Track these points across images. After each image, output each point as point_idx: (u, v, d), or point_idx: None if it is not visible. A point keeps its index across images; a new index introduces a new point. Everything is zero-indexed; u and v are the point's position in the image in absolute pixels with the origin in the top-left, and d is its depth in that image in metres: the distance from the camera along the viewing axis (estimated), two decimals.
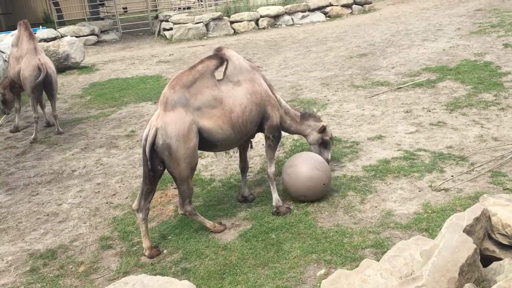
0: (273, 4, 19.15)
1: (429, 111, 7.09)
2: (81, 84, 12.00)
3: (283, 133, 6.50)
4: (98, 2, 23.89)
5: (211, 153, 6.06)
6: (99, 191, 5.84)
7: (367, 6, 19.72)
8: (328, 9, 19.09)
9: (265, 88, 4.67)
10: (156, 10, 23.36)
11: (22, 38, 8.12)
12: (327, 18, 18.87)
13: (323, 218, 4.59)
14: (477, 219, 3.02)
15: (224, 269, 3.97)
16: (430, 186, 4.95)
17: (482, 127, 6.28)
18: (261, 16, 18.14)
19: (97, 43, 18.47)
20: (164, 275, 3.54)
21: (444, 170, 5.25)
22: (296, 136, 6.63)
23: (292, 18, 18.52)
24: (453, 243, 2.71)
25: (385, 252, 3.14)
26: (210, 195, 5.36)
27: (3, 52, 10.65)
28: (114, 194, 5.72)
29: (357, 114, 7.39)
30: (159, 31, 19.18)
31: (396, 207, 4.65)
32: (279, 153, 6.23)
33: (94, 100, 10.16)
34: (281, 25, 18.30)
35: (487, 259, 3.06)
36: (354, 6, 19.51)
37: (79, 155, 7.10)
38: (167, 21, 18.34)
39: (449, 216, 3.14)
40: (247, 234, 4.45)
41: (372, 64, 10.39)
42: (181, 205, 4.38)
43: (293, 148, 6.32)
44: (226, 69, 4.48)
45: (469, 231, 2.92)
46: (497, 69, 8.56)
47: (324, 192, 4.87)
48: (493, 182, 4.85)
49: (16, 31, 8.62)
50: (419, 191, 4.89)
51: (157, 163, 4.20)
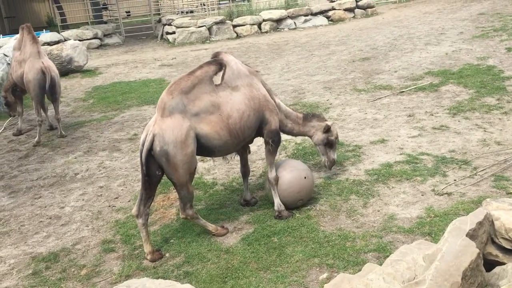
0: (275, 8, 19.20)
1: (432, 115, 7.08)
2: (84, 87, 12.03)
3: (286, 136, 6.49)
4: (101, 6, 24.02)
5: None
6: (101, 194, 5.85)
7: (369, 10, 19.75)
8: (330, 13, 19.12)
9: (263, 93, 4.63)
10: (159, 14, 23.44)
11: (25, 42, 8.15)
12: (330, 22, 18.91)
13: (325, 222, 4.58)
14: (480, 224, 3.01)
15: (226, 273, 3.97)
16: (433, 190, 4.94)
17: (485, 131, 6.27)
18: (264, 20, 18.19)
19: (100, 46, 18.54)
20: (166, 279, 3.53)
21: (447, 174, 5.23)
22: (298, 140, 6.64)
23: (294, 22, 18.56)
24: (456, 248, 2.70)
25: (388, 256, 3.14)
26: (212, 199, 5.36)
27: (6, 56, 10.68)
28: (116, 197, 5.72)
29: (360, 118, 7.39)
30: (162, 35, 19.23)
31: (399, 211, 4.64)
32: (281, 156, 6.23)
33: (97, 104, 10.19)
34: (283, 29, 18.34)
35: (490, 264, 3.04)
36: (356, 10, 19.55)
37: (81, 158, 7.11)
38: (170, 24, 18.40)
39: (452, 220, 3.13)
40: (249, 237, 4.45)
41: (374, 68, 10.39)
42: (182, 209, 4.37)
43: (295, 151, 6.32)
44: (224, 74, 4.43)
45: (472, 235, 2.91)
46: (500, 73, 8.55)
47: (312, 186, 4.87)
48: (496, 186, 4.84)
49: (18, 35, 8.65)
50: (422, 195, 4.88)
51: (155, 168, 4.17)
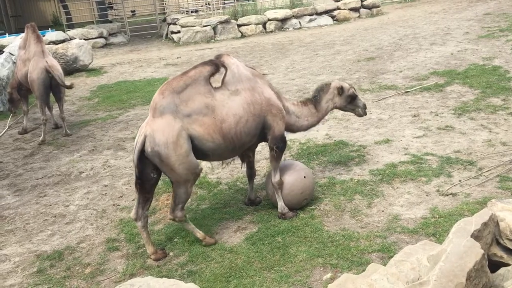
0: (280, 8, 19.19)
1: (437, 115, 7.06)
2: (89, 86, 12.07)
3: (291, 136, 6.49)
4: (106, 5, 24.08)
5: None
6: (106, 193, 5.86)
7: (375, 10, 19.71)
8: (335, 12, 19.10)
9: (267, 97, 4.46)
10: (164, 13, 23.50)
11: (30, 41, 8.18)
12: (335, 21, 18.88)
13: (329, 222, 4.58)
14: (485, 224, 3.00)
15: (230, 272, 3.97)
16: (438, 190, 4.92)
17: (491, 131, 6.24)
18: (269, 20, 18.18)
19: (105, 45, 18.59)
20: (170, 278, 3.54)
21: (451, 175, 5.21)
22: (302, 140, 6.64)
23: (299, 22, 18.54)
24: (461, 248, 2.69)
25: (392, 256, 3.13)
26: (216, 198, 5.36)
27: (12, 54, 10.73)
28: (121, 196, 5.73)
29: (364, 117, 7.34)
30: (167, 34, 19.26)
31: (403, 211, 4.63)
32: (285, 156, 6.22)
33: (101, 103, 10.22)
34: (288, 28, 18.33)
35: (495, 265, 3.03)
36: (361, 9, 19.51)
37: (86, 157, 7.13)
38: (175, 24, 18.43)
39: (457, 221, 3.12)
40: (253, 237, 4.45)
41: (379, 67, 10.36)
42: (172, 209, 4.20)
43: (299, 151, 6.32)
44: (224, 77, 4.32)
45: (477, 236, 2.90)
46: (506, 73, 8.51)
47: (313, 183, 4.85)
48: (501, 187, 4.82)
49: (23, 34, 8.69)
50: (427, 195, 4.87)
51: (149, 170, 4.07)
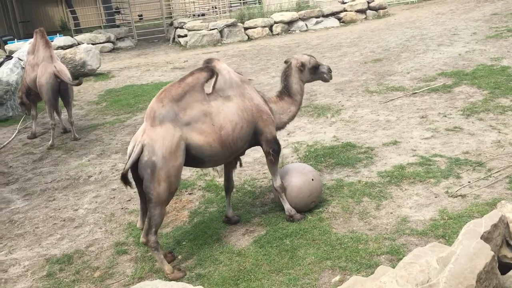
0: (287, 10, 19.21)
1: (445, 116, 7.02)
2: (97, 90, 12.14)
3: (298, 138, 6.49)
4: (114, 10, 24.24)
5: None
6: (114, 197, 5.89)
7: (381, 11, 19.67)
8: (342, 14, 19.08)
9: (256, 103, 4.41)
10: (171, 17, 23.60)
11: (38, 46, 8.25)
12: (341, 23, 18.86)
13: (337, 224, 4.56)
14: (495, 226, 2.97)
15: (238, 275, 3.96)
16: (447, 192, 4.90)
17: (499, 132, 6.20)
18: (275, 22, 18.20)
19: (113, 50, 18.70)
20: (178, 281, 3.55)
21: (460, 176, 5.18)
22: (310, 142, 6.63)
23: (306, 24, 18.54)
24: (471, 250, 2.68)
25: (401, 259, 3.11)
26: (224, 201, 5.35)
27: (21, 60, 10.82)
28: (129, 200, 5.76)
29: (372, 119, 7.35)
30: (174, 38, 19.34)
31: (412, 213, 4.60)
32: (293, 158, 6.22)
33: (110, 107, 10.27)
34: (295, 31, 18.33)
35: (505, 267, 3.01)
36: (368, 11, 19.48)
37: (95, 161, 7.17)
38: (181, 28, 18.50)
39: (466, 222, 3.10)
40: (261, 240, 4.44)
41: (386, 69, 10.33)
42: (146, 232, 3.97)
43: (307, 154, 6.31)
44: (215, 83, 4.23)
45: (486, 238, 2.88)
46: None
47: (321, 185, 4.84)
48: (511, 188, 4.77)
49: (32, 39, 8.76)
50: (435, 197, 4.84)
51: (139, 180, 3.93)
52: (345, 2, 19.43)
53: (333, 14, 19.03)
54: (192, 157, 4.04)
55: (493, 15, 15.15)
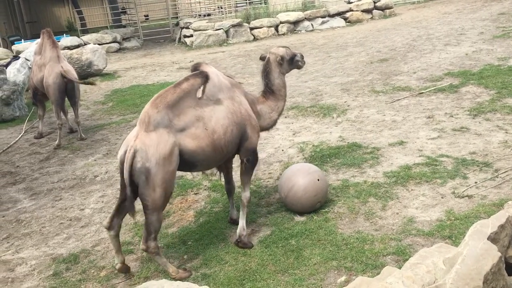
0: (292, 10, 19.20)
1: (452, 116, 6.99)
2: (103, 90, 12.18)
3: (304, 138, 6.47)
4: (120, 10, 24.33)
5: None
6: None
7: (387, 11, 19.62)
8: (348, 14, 19.05)
9: (246, 106, 4.39)
10: (177, 17, 23.65)
11: (45, 46, 8.29)
12: (347, 23, 18.83)
13: (343, 225, 4.55)
14: (502, 227, 2.96)
15: (244, 275, 3.97)
16: (453, 192, 4.87)
17: (507, 132, 6.16)
18: (281, 22, 18.20)
19: (119, 50, 18.77)
20: (184, 281, 3.56)
21: (467, 177, 5.16)
22: (316, 142, 6.62)
23: (311, 24, 18.53)
24: (477, 251, 2.66)
25: (407, 259, 3.10)
26: None
27: (28, 60, 10.89)
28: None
29: (378, 119, 7.33)
30: (180, 38, 19.39)
31: (418, 213, 4.59)
32: (299, 158, 6.21)
33: (116, 107, 10.31)
34: (300, 30, 18.32)
35: None
36: (374, 11, 19.44)
37: (101, 161, 7.20)
38: (187, 28, 18.54)
39: (473, 223, 3.08)
40: (267, 240, 4.44)
41: (393, 69, 10.30)
42: (145, 239, 3.97)
43: (313, 154, 6.30)
44: (205, 87, 4.19)
45: (493, 238, 2.86)
46: None
47: (326, 186, 4.83)
48: None
49: (39, 39, 8.81)
50: (442, 197, 4.82)
51: (134, 186, 3.89)
52: (351, 2, 19.40)
53: (339, 14, 19.01)
54: (185, 162, 4.00)
55: (500, 14, 15.06)
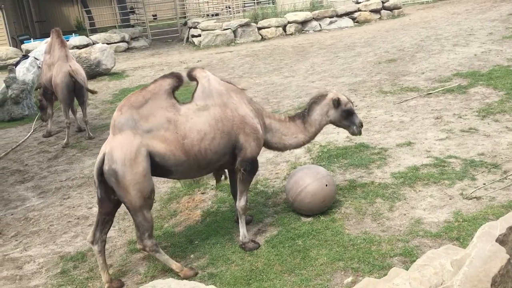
0: (300, 10, 19.18)
1: (460, 117, 6.95)
2: (111, 90, 12.24)
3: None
4: (128, 10, 24.44)
5: None
6: None
7: (396, 11, 19.54)
8: (356, 14, 19.00)
9: (241, 114, 4.18)
10: (185, 17, 23.71)
11: (54, 46, 8.35)
12: (355, 23, 18.78)
13: (350, 225, 4.54)
14: (510, 229, 2.93)
15: (250, 275, 3.97)
16: (461, 194, 4.84)
17: None
18: (289, 22, 18.19)
19: (127, 49, 18.85)
20: (190, 280, 3.56)
21: (475, 178, 5.12)
22: (323, 143, 6.60)
23: (319, 24, 18.50)
24: (485, 253, 2.64)
25: (414, 261, 3.09)
26: None
27: (37, 59, 10.96)
28: None
29: (386, 120, 7.30)
30: (188, 38, 19.43)
31: (426, 215, 4.56)
32: (305, 159, 6.20)
33: None
34: (308, 31, 18.30)
35: None
36: (383, 11, 19.37)
37: None
38: (195, 27, 18.58)
39: (481, 225, 3.06)
40: (273, 240, 4.44)
41: (401, 69, 10.26)
42: (140, 239, 3.98)
43: (320, 154, 6.29)
44: (194, 91, 4.15)
45: (502, 240, 2.84)
46: None
47: (334, 190, 4.80)
48: None
49: (49, 39, 8.87)
50: (450, 199, 4.79)
51: (110, 191, 3.87)
52: (359, 2, 19.33)
53: (347, 14, 18.95)
54: (158, 166, 3.92)
55: (510, 15, 14.95)
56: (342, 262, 3.98)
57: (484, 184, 4.96)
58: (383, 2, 19.33)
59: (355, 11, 19.05)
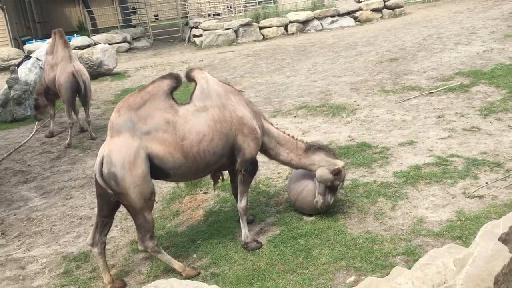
0: (302, 10, 19.17)
1: (462, 116, 6.94)
2: (113, 90, 12.26)
3: (314, 139, 6.43)
4: (130, 10, 24.45)
5: None
6: None
7: (397, 10, 19.51)
8: (358, 13, 18.98)
9: (239, 115, 4.16)
10: (186, 17, 23.71)
11: (57, 46, 8.36)
12: (357, 22, 18.76)
13: (352, 225, 4.54)
14: None
15: (253, 275, 3.97)
16: (464, 193, 4.84)
17: None
18: (290, 22, 18.18)
19: (129, 50, 18.86)
20: (193, 280, 3.57)
21: (478, 177, 5.12)
22: (325, 141, 6.58)
23: (321, 23, 18.48)
24: (488, 252, 2.64)
25: (417, 260, 3.09)
26: None
27: (39, 60, 10.99)
28: None
29: (388, 119, 7.30)
30: (189, 38, 19.44)
31: (428, 214, 4.56)
32: None
33: None
34: (310, 30, 18.29)
35: None
36: (384, 10, 19.34)
37: None
38: (197, 27, 18.59)
39: (484, 224, 3.06)
40: (275, 239, 4.44)
41: (403, 68, 10.25)
42: (141, 240, 3.96)
43: None
44: (193, 92, 4.13)
45: (504, 239, 2.83)
46: None
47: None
48: None
49: (50, 39, 8.89)
50: (452, 198, 4.79)
51: (110, 194, 3.83)
52: (361, 1, 19.32)
53: (348, 13, 18.93)
54: (157, 168, 3.90)
55: None
56: (345, 261, 3.98)
57: (487, 183, 4.96)
58: (384, 1, 19.31)
59: (357, 10, 19.03)
